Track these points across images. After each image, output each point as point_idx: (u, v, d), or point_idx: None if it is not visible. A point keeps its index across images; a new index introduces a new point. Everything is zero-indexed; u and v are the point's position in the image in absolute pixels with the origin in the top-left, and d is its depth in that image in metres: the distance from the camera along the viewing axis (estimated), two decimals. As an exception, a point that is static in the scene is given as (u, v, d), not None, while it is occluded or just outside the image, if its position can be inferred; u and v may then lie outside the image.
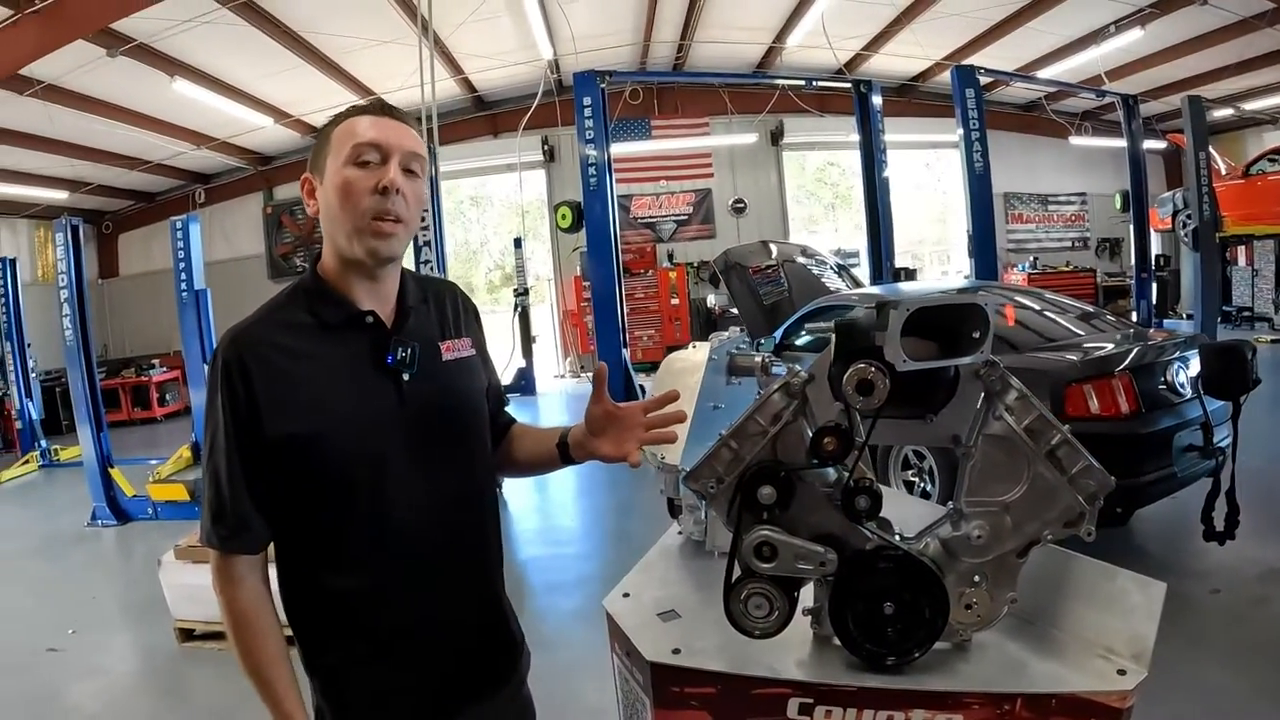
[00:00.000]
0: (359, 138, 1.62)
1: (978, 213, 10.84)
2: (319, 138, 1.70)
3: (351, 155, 1.62)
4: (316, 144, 1.70)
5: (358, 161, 1.62)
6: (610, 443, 1.76)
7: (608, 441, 1.77)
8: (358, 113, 1.68)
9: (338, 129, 1.67)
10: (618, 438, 1.76)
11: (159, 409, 16.92)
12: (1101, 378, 4.85)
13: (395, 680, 1.72)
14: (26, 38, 8.55)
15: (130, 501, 8.89)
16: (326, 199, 1.65)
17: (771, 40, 14.53)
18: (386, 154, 1.63)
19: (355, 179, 1.61)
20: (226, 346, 1.62)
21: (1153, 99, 15.57)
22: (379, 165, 1.63)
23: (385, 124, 1.66)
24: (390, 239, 1.65)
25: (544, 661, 4.33)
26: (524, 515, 7.80)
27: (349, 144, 1.62)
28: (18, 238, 16.92)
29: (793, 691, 1.44)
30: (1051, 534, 1.45)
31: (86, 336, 9.06)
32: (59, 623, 6.01)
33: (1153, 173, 15.93)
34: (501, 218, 34.34)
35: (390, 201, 1.62)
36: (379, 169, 1.62)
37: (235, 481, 1.60)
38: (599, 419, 1.78)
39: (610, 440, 1.77)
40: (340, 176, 1.62)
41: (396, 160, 1.64)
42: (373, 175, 1.62)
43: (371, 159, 1.62)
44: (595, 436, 1.78)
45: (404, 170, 1.65)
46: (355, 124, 1.65)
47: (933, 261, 26.69)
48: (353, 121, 1.66)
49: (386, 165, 1.63)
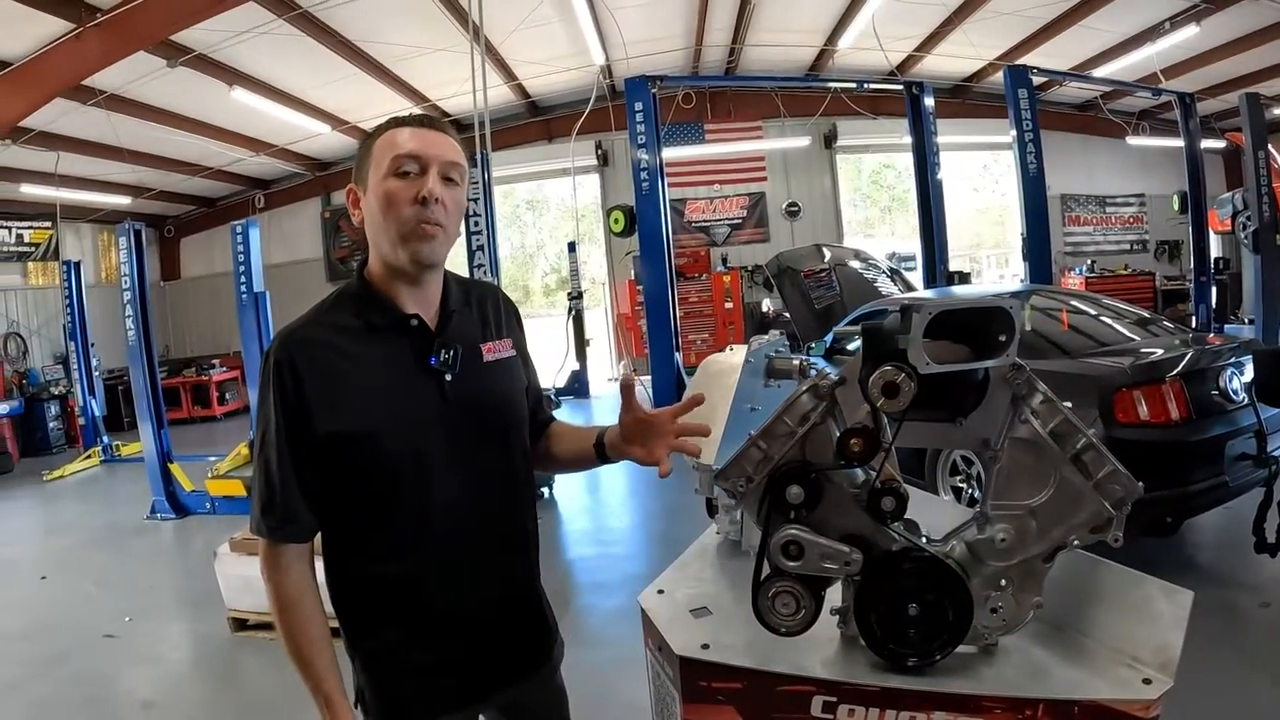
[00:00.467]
0: (398, 149, 1.69)
1: (1032, 215, 10.70)
2: (361, 150, 1.77)
3: (392, 167, 1.68)
4: (359, 156, 1.77)
5: (398, 173, 1.68)
6: (641, 449, 1.80)
7: (639, 448, 1.81)
8: (397, 125, 1.74)
9: (378, 141, 1.73)
10: (648, 444, 1.79)
11: (218, 407, 17.29)
12: (1152, 384, 4.74)
13: (433, 662, 1.79)
14: (89, 50, 8.81)
15: (189, 496, 9.12)
16: (370, 209, 1.73)
17: (823, 43, 14.40)
18: (425, 165, 1.69)
19: (396, 189, 1.68)
20: (278, 347, 1.70)
21: (1210, 97, 15.14)
22: (418, 176, 1.69)
23: (424, 135, 1.72)
24: (432, 242, 1.71)
25: (585, 658, 4.42)
26: (574, 516, 7.84)
27: (389, 156, 1.69)
28: (82, 241, 17.39)
29: (817, 689, 1.45)
30: (1078, 539, 1.45)
31: (148, 337, 9.32)
32: (117, 610, 6.21)
33: (1212, 173, 15.54)
34: (557, 221, 34.40)
35: (430, 210, 1.68)
36: (418, 179, 1.69)
37: (285, 474, 1.68)
38: (630, 426, 1.82)
39: (641, 446, 1.80)
40: (382, 188, 1.69)
41: (435, 170, 1.70)
42: (413, 185, 1.68)
43: (411, 170, 1.68)
44: (627, 442, 1.82)
45: (443, 179, 1.71)
46: (395, 136, 1.72)
47: (991, 265, 26.27)
48: (392, 134, 1.72)
49: (425, 175, 1.69)
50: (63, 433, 15.07)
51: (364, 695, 1.82)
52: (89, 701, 4.82)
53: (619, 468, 7.07)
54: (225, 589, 5.50)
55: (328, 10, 10.19)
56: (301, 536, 1.73)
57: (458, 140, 1.79)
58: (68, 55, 8.95)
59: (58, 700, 4.86)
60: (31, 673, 5.25)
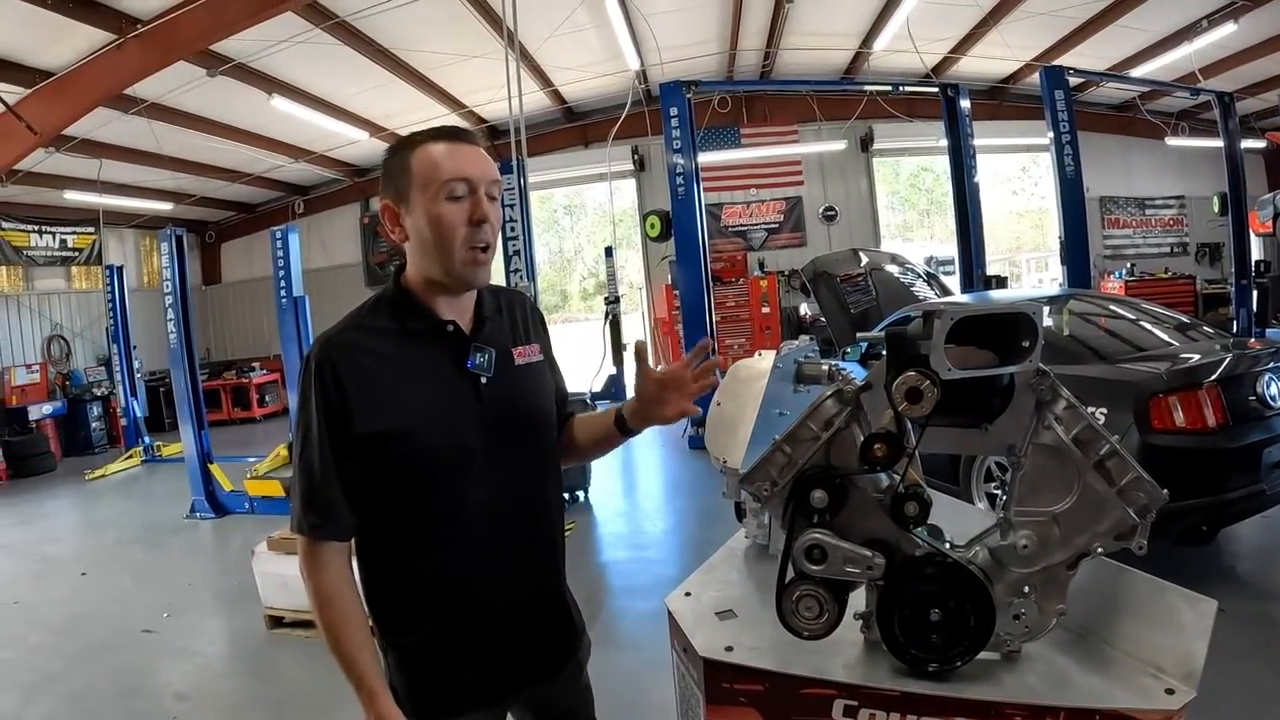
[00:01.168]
0: (448, 173, 1.72)
1: (1070, 217, 10.58)
2: (394, 164, 1.78)
3: (444, 191, 1.72)
4: (392, 170, 1.79)
5: (450, 196, 1.72)
6: (668, 405, 1.90)
7: (666, 405, 1.90)
8: (432, 139, 1.76)
9: (417, 158, 1.74)
10: (673, 399, 1.90)
11: (258, 409, 17.55)
12: (1188, 389, 4.67)
13: (463, 658, 1.84)
14: (130, 61, 8.98)
15: (228, 496, 9.27)
16: (419, 230, 1.76)
17: (858, 45, 14.30)
18: (474, 187, 1.73)
19: (449, 213, 1.72)
20: (318, 351, 1.75)
21: (1250, 96, 14.88)
22: (468, 197, 1.73)
23: (467, 155, 1.75)
24: (485, 268, 1.79)
25: (615, 660, 4.45)
26: (608, 520, 7.85)
27: (438, 178, 1.72)
28: (125, 246, 17.74)
29: (838, 693, 1.46)
30: (1102, 546, 1.44)
31: (189, 339, 9.49)
32: (155, 607, 6.33)
33: (1253, 174, 15.29)
34: (595, 226, 34.46)
35: (482, 233, 1.74)
36: (468, 201, 1.73)
37: (327, 474, 1.72)
38: (650, 389, 1.91)
39: (667, 403, 1.90)
40: (434, 212, 1.72)
41: (483, 190, 1.75)
42: (464, 209, 1.73)
43: (462, 193, 1.72)
44: (649, 406, 1.92)
45: (488, 196, 1.76)
46: (436, 155, 1.73)
47: (1030, 269, 25.97)
48: (432, 151, 1.74)
49: (476, 196, 1.74)
50: (104, 433, 15.37)
51: (396, 690, 1.85)
52: (125, 693, 4.93)
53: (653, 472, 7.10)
54: (262, 587, 5.59)
55: (364, 19, 10.29)
56: (342, 535, 1.77)
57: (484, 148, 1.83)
58: (109, 65, 9.11)
59: (94, 692, 4.98)
60: (70, 665, 5.39)
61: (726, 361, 9.29)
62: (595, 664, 2.15)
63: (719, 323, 12.07)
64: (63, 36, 8.84)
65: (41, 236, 15.54)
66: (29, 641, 5.90)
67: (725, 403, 2.32)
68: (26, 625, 6.25)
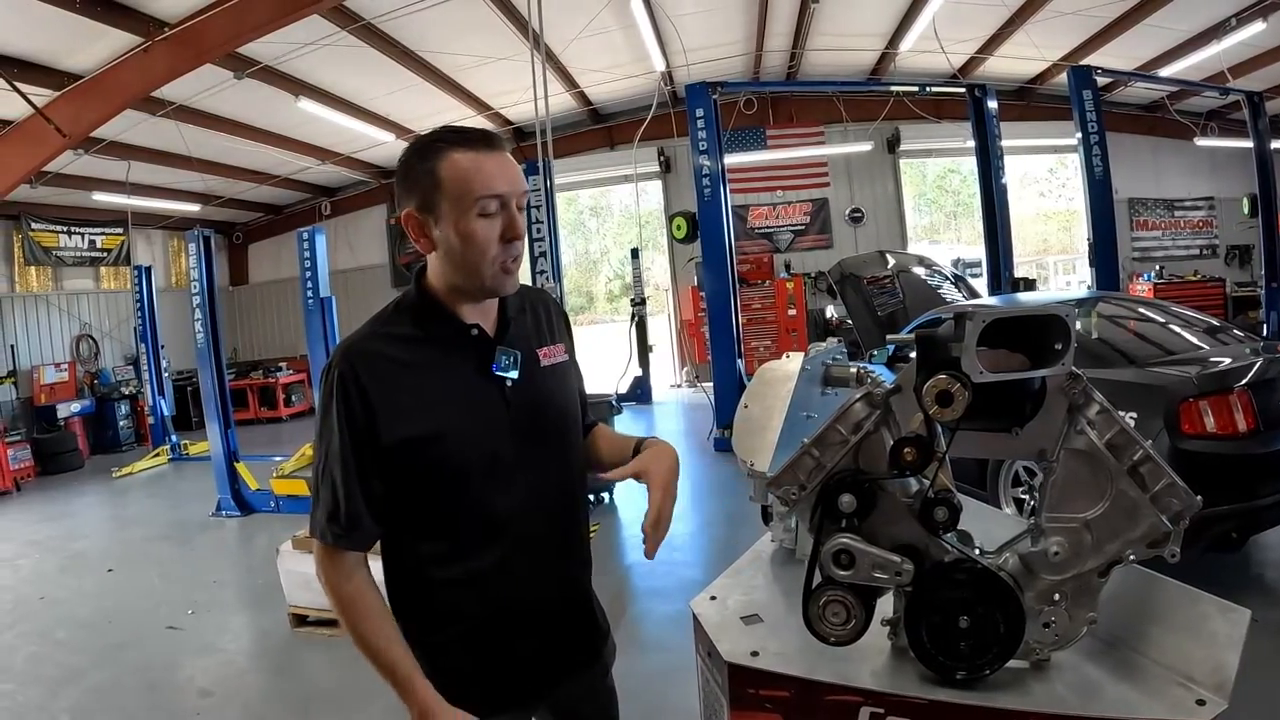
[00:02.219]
0: (480, 189, 1.68)
1: (1098, 219, 10.50)
2: (418, 171, 1.72)
3: (477, 208, 1.68)
4: (417, 177, 1.72)
5: (482, 213, 1.69)
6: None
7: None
8: (458, 144, 1.71)
9: (445, 168, 1.69)
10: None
11: (284, 409, 17.70)
12: (1218, 394, 4.60)
13: (491, 660, 1.83)
14: (157, 64, 9.06)
15: (253, 494, 9.36)
16: (449, 244, 1.72)
17: (884, 46, 14.24)
18: (506, 202, 1.71)
19: (481, 229, 1.70)
20: (340, 359, 1.73)
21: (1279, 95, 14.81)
22: (500, 213, 1.71)
23: (497, 167, 1.71)
24: (514, 277, 1.78)
25: (638, 663, 4.44)
26: (633, 521, 7.75)
27: (470, 194, 1.67)
28: (153, 247, 17.92)
29: (864, 700, 1.45)
30: (1134, 554, 1.42)
31: (217, 339, 9.59)
32: (180, 603, 6.41)
33: (1283, 174, 15.17)
34: (621, 228, 34.52)
35: (514, 248, 1.73)
36: (501, 216, 1.71)
37: (350, 485, 1.71)
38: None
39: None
40: (465, 229, 1.69)
41: (514, 204, 1.73)
42: (496, 225, 1.70)
43: (493, 210, 1.70)
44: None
45: (516, 208, 1.74)
46: (466, 168, 1.68)
47: (1058, 271, 25.74)
48: (461, 163, 1.69)
49: (508, 212, 1.71)
50: (132, 431, 15.55)
51: None
52: (149, 688, 4.99)
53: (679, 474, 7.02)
54: (287, 585, 5.63)
55: (390, 21, 10.34)
56: (365, 545, 1.77)
57: (510, 151, 1.81)
58: (137, 69, 9.20)
59: (119, 686, 5.05)
60: (95, 660, 5.46)
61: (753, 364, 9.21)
62: (619, 666, 2.14)
63: (745, 325, 12.03)
64: (91, 40, 8.94)
65: (70, 237, 15.71)
66: (55, 636, 5.98)
67: (752, 405, 2.31)
68: (53, 620, 6.33)
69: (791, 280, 16.29)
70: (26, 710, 4.82)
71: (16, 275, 14.94)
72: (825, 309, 16.16)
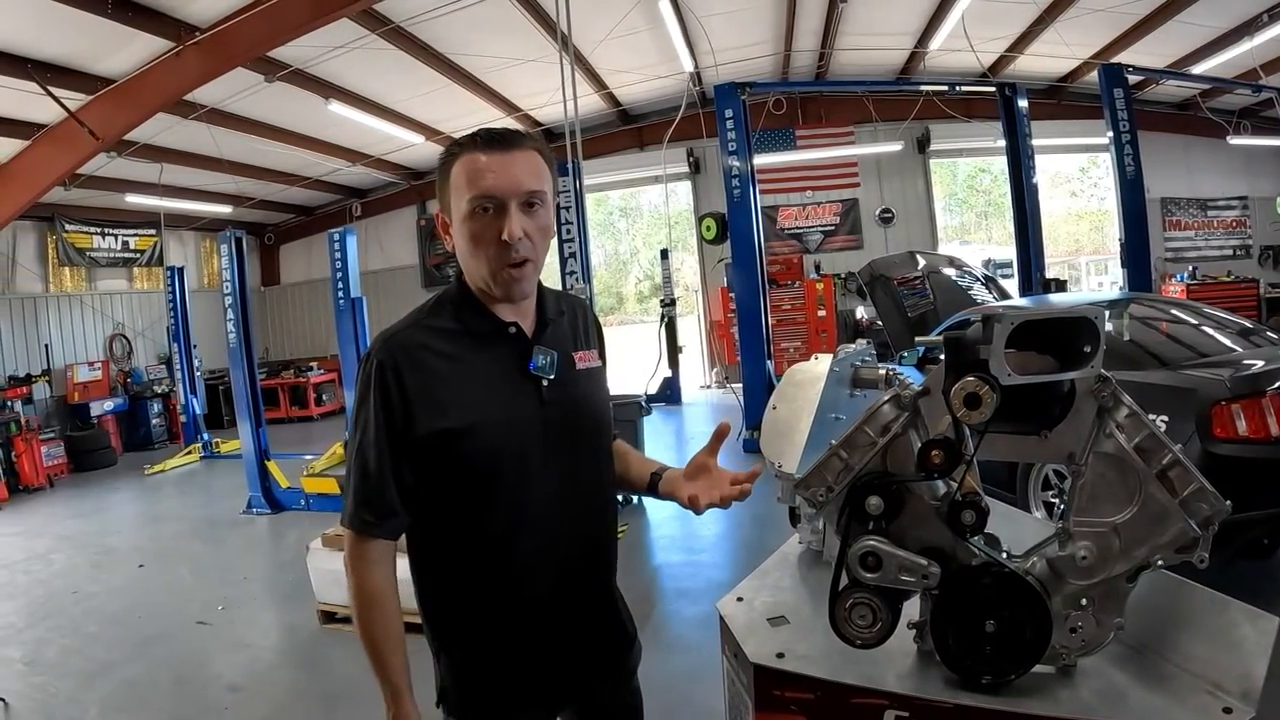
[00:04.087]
0: (474, 190, 1.70)
1: (1130, 219, 10.39)
2: (441, 172, 1.78)
3: (470, 207, 1.70)
4: (440, 179, 1.79)
5: (477, 211, 1.71)
6: (698, 488, 1.86)
7: (696, 486, 1.87)
8: (473, 147, 1.73)
9: (456, 168, 1.73)
10: (705, 488, 1.86)
11: (315, 408, 17.85)
12: (1251, 397, 4.51)
13: (517, 659, 1.85)
14: (189, 68, 9.16)
15: (284, 492, 9.46)
16: (458, 245, 1.77)
17: (913, 45, 14.13)
18: (502, 204, 1.70)
19: (478, 231, 1.72)
20: (380, 348, 1.76)
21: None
22: (497, 213, 1.71)
23: (499, 164, 1.71)
24: (521, 282, 1.77)
25: (663, 663, 4.44)
26: (662, 523, 7.79)
27: (466, 194, 1.70)
28: (185, 248, 18.15)
29: (889, 703, 1.45)
30: (1162, 559, 1.41)
31: (248, 339, 9.71)
32: (211, 599, 6.50)
33: (1317, 174, 14.91)
34: (651, 228, 34.55)
35: (513, 251, 1.72)
36: (498, 217, 1.70)
37: (384, 472, 1.73)
38: (699, 466, 1.89)
39: (698, 486, 1.86)
40: (466, 228, 1.73)
41: (514, 205, 1.71)
42: (493, 224, 1.71)
43: (489, 207, 1.70)
44: (687, 479, 1.89)
45: (525, 206, 1.73)
46: (467, 170, 1.71)
47: (1090, 272, 25.46)
48: (465, 165, 1.72)
49: (504, 212, 1.70)
50: (164, 429, 15.78)
51: (447, 693, 1.88)
52: (178, 682, 5.06)
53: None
54: (316, 582, 5.69)
55: (419, 24, 10.39)
56: (394, 533, 1.79)
57: (540, 149, 1.80)
58: (168, 73, 9.31)
59: (149, 680, 5.12)
60: (125, 654, 5.54)
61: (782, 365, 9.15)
62: (644, 666, 2.15)
63: (774, 326, 12.00)
64: (123, 44, 9.05)
65: (104, 238, 15.94)
66: (87, 630, 6.08)
67: (781, 406, 2.31)
68: (84, 614, 6.43)
69: (821, 281, 16.19)
70: (58, 702, 4.90)
71: (51, 276, 15.18)
72: (855, 310, 16.07)
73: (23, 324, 14.63)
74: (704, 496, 1.83)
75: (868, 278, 9.10)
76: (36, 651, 5.73)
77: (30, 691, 5.07)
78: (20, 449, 12.26)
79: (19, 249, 14.60)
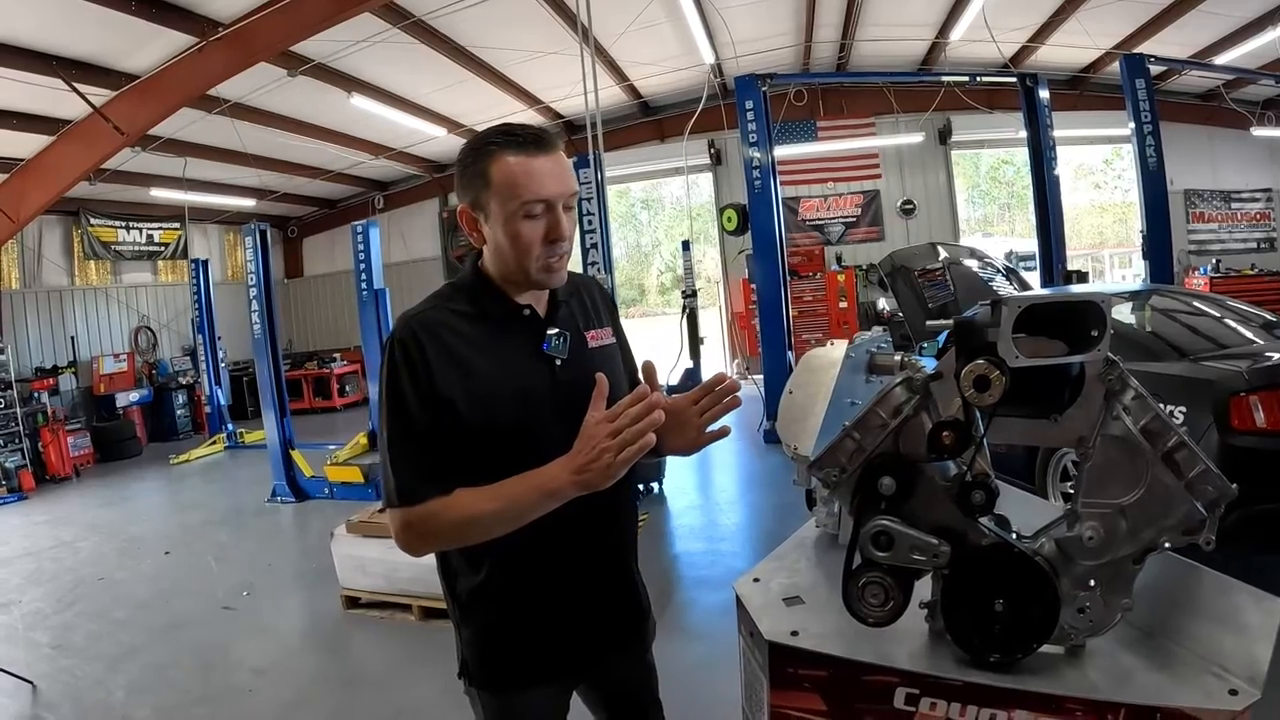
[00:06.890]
0: (526, 194, 1.74)
1: (1152, 211, 10.34)
2: (472, 169, 1.79)
3: (522, 211, 1.75)
4: (470, 175, 1.80)
5: (527, 215, 1.76)
6: (676, 436, 1.89)
7: (673, 435, 1.89)
8: (509, 146, 1.76)
9: (495, 169, 1.75)
10: (679, 432, 1.89)
11: (338, 399, 17.97)
12: (1270, 389, 4.48)
13: (534, 631, 1.90)
14: (212, 63, 9.23)
15: (308, 481, 9.57)
16: (497, 241, 1.81)
17: (934, 36, 14.02)
18: (551, 206, 1.77)
19: (526, 231, 1.76)
20: (401, 326, 1.82)
21: (1336, 82, 14.36)
22: (545, 215, 1.77)
23: (545, 171, 1.76)
24: (560, 272, 1.85)
25: (681, 650, 4.49)
26: (682, 512, 7.84)
27: (516, 198, 1.74)
28: (209, 241, 18.32)
29: (900, 681, 1.47)
30: (1169, 541, 1.43)
31: (273, 331, 9.83)
32: (236, 585, 6.62)
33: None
34: (673, 220, 34.51)
35: (557, 248, 1.80)
36: (546, 216, 1.77)
37: (427, 440, 1.76)
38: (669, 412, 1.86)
39: (674, 434, 1.89)
40: (511, 229, 1.77)
41: (560, 206, 1.78)
42: (541, 225, 1.77)
43: (538, 212, 1.76)
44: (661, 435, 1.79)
45: (564, 208, 1.80)
46: (514, 172, 1.74)
47: (1114, 265, 25.27)
48: (510, 165, 1.74)
49: (553, 215, 1.77)
50: (189, 420, 15.98)
51: (468, 665, 1.93)
52: (204, 667, 5.16)
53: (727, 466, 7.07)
54: (340, 569, 5.77)
55: (440, 18, 10.43)
56: (447, 487, 1.75)
57: (563, 147, 1.85)
58: (192, 68, 9.39)
59: (175, 664, 5.23)
60: (152, 639, 5.66)
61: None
62: (663, 652, 2.19)
63: (795, 317, 11.96)
64: (146, 41, 9.14)
65: (129, 232, 16.14)
66: (114, 616, 6.20)
67: (797, 391, 2.34)
68: (112, 600, 6.56)
69: (843, 272, 16.10)
70: (85, 685, 5.00)
71: (76, 269, 15.37)
72: (876, 301, 15.97)
73: (49, 317, 14.83)
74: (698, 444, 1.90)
75: (889, 269, 9.07)
76: (64, 636, 5.85)
77: (58, 674, 5.18)
78: (47, 439, 12.47)
79: (45, 243, 14.79)
